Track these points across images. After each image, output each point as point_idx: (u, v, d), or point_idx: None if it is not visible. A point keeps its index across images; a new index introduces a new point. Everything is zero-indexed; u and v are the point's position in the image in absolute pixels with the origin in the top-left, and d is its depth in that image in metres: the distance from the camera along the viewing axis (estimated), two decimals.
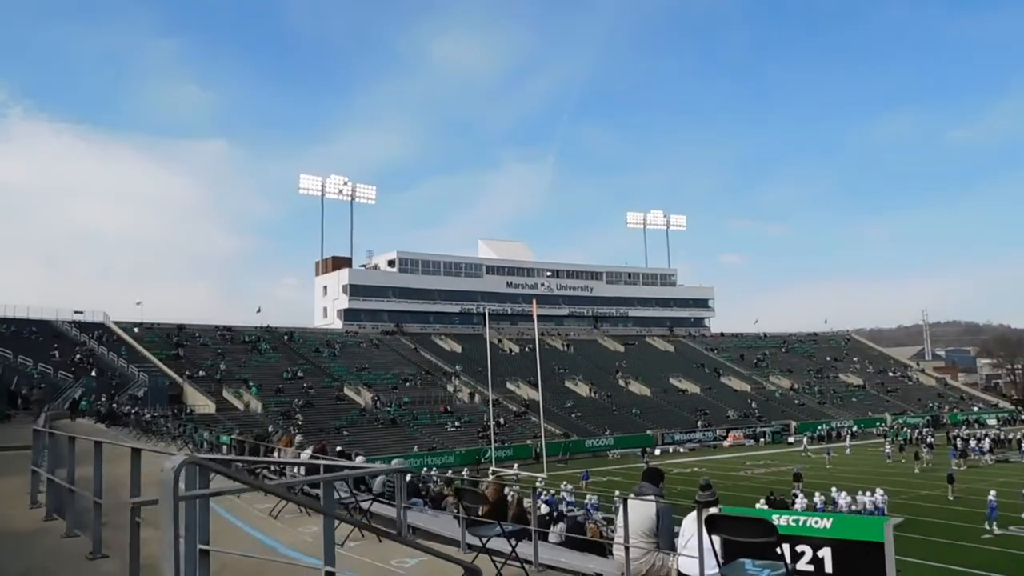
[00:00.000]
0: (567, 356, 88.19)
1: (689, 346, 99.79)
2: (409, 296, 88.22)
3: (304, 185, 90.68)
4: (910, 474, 45.94)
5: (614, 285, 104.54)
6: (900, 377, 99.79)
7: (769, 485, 38.08)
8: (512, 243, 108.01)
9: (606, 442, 65.12)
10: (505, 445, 59.94)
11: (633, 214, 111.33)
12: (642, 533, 6.68)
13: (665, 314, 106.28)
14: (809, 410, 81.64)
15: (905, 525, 29.97)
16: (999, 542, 27.36)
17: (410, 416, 64.75)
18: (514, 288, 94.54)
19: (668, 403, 78.31)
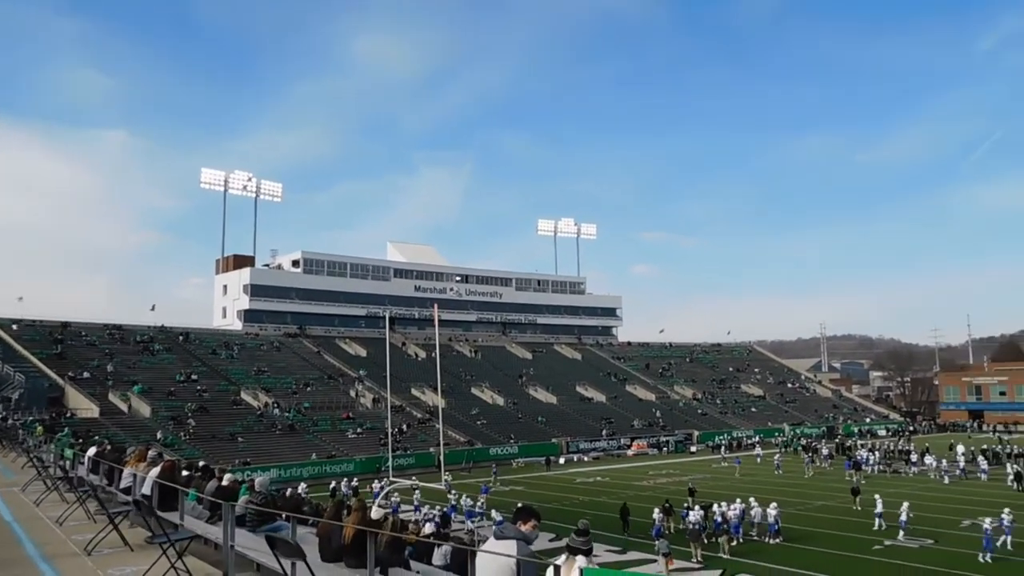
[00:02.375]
0: (474, 362, 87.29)
1: (596, 354, 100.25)
2: (313, 298, 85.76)
3: (206, 179, 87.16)
4: (806, 485, 46.66)
5: (523, 292, 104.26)
6: (798, 388, 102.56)
7: (669, 495, 37.93)
8: (421, 247, 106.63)
9: (511, 450, 64.47)
10: (407, 453, 58.61)
11: (544, 221, 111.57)
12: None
13: (573, 322, 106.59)
14: (711, 419, 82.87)
15: (802, 538, 30.16)
16: (887, 553, 27.67)
17: (310, 422, 62.68)
18: (422, 292, 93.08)
19: (574, 411, 78.24)
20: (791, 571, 25.09)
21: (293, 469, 52.16)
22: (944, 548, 28.12)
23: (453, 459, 56.89)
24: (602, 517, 35.15)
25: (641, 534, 30.08)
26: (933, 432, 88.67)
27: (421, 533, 21.30)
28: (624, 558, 27.31)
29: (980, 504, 36.85)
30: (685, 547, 27.77)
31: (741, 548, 28.97)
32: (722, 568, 25.55)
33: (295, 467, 52.73)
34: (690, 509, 30.04)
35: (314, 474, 51.55)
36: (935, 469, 48.85)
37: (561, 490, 46.18)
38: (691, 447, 71.60)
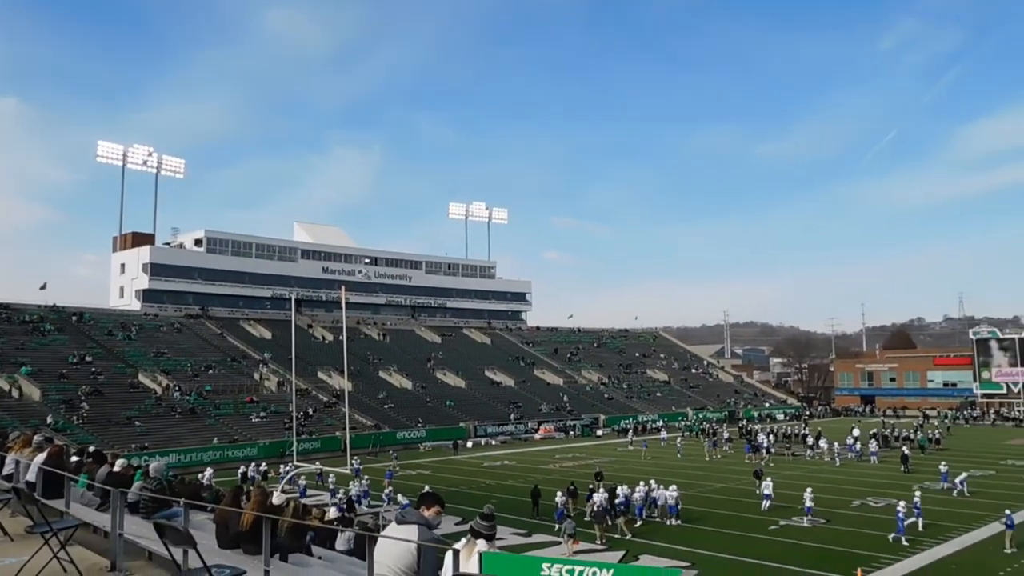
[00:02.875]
0: (383, 346, 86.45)
1: (505, 339, 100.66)
2: (217, 278, 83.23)
3: (103, 153, 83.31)
4: (707, 468, 47.96)
5: (434, 275, 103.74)
6: (702, 374, 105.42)
7: (575, 478, 38.38)
8: (330, 228, 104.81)
9: (418, 434, 64.15)
10: (313, 437, 57.61)
11: (456, 205, 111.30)
12: (399, 570, 5.59)
13: (483, 306, 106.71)
14: (618, 404, 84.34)
15: (701, 519, 30.96)
16: (783, 533, 28.67)
17: (211, 406, 60.88)
18: (330, 274, 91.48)
19: (482, 395, 78.41)
20: (690, 551, 25.71)
21: (193, 454, 50.64)
22: (836, 527, 29.31)
23: (359, 443, 56.22)
24: (509, 501, 35.32)
25: (547, 517, 30.33)
26: (828, 416, 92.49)
27: (325, 518, 20.93)
28: (529, 541, 27.50)
29: (870, 486, 38.65)
30: (590, 529, 28.16)
31: (642, 529, 29.54)
32: (625, 549, 25.98)
33: (196, 452, 51.18)
34: (594, 491, 30.44)
35: (216, 459, 50.15)
36: (828, 452, 50.93)
37: (468, 474, 46.21)
38: (597, 431, 72.71)
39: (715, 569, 23.64)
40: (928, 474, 40.24)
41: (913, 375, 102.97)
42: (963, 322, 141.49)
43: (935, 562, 24.54)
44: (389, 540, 5.82)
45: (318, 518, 18.69)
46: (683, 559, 24.59)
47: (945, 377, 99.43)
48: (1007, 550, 24.95)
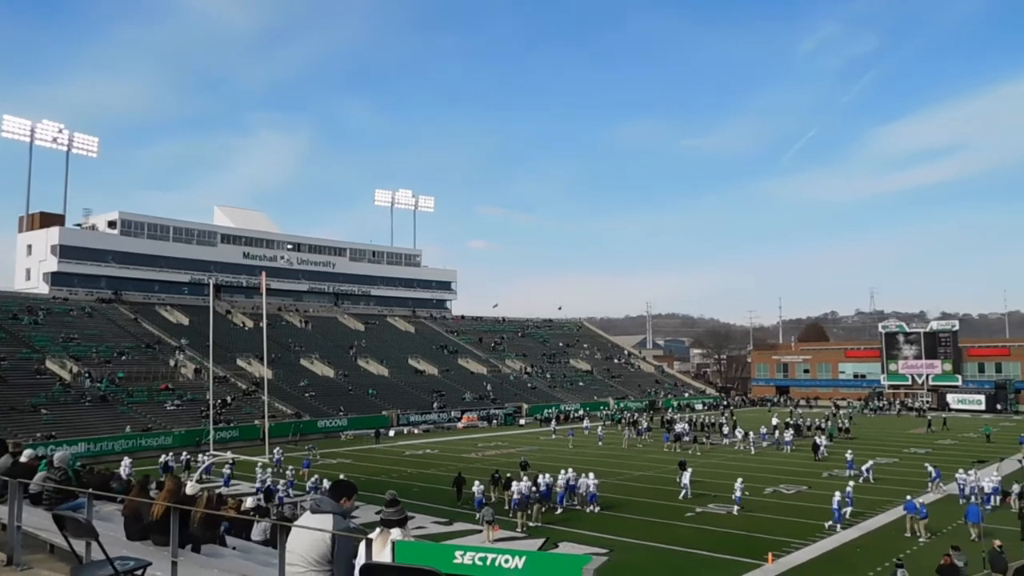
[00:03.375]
0: (304, 333, 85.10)
1: (430, 327, 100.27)
2: (131, 262, 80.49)
3: (8, 128, 79.45)
4: (627, 456, 48.71)
5: (358, 263, 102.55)
6: (624, 364, 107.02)
7: (497, 467, 38.51)
8: (251, 212, 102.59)
9: (340, 423, 63.39)
10: (231, 425, 56.37)
11: (382, 192, 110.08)
12: (313, 560, 5.47)
13: (408, 294, 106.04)
14: (541, 393, 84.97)
15: (620, 506, 31.43)
16: (699, 519, 29.35)
17: (124, 393, 58.91)
18: (251, 260, 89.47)
19: (406, 384, 77.95)
20: (609, 538, 26.09)
21: (104, 443, 48.96)
22: (750, 514, 30.12)
23: (279, 432, 55.29)
24: (431, 489, 35.31)
25: (469, 505, 30.34)
26: (745, 407, 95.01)
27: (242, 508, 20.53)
28: (450, 529, 27.50)
29: (783, 473, 39.86)
30: (512, 517, 28.33)
31: (562, 517, 29.86)
32: (545, 537, 26.19)
33: (106, 441, 49.49)
34: (514, 480, 30.59)
35: (128, 448, 48.57)
36: (743, 441, 52.33)
37: (390, 463, 45.92)
38: (520, 420, 73.13)
39: (633, 555, 24.05)
40: (838, 462, 41.70)
41: (825, 367, 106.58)
42: (873, 316, 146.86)
43: (841, 545, 25.50)
44: (303, 530, 5.69)
45: (234, 508, 18.32)
46: (602, 546, 24.94)
47: (855, 369, 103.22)
48: (920, 538, 26.03)
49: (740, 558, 23.38)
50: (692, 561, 23.39)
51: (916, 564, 21.04)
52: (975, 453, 47.31)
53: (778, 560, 23.18)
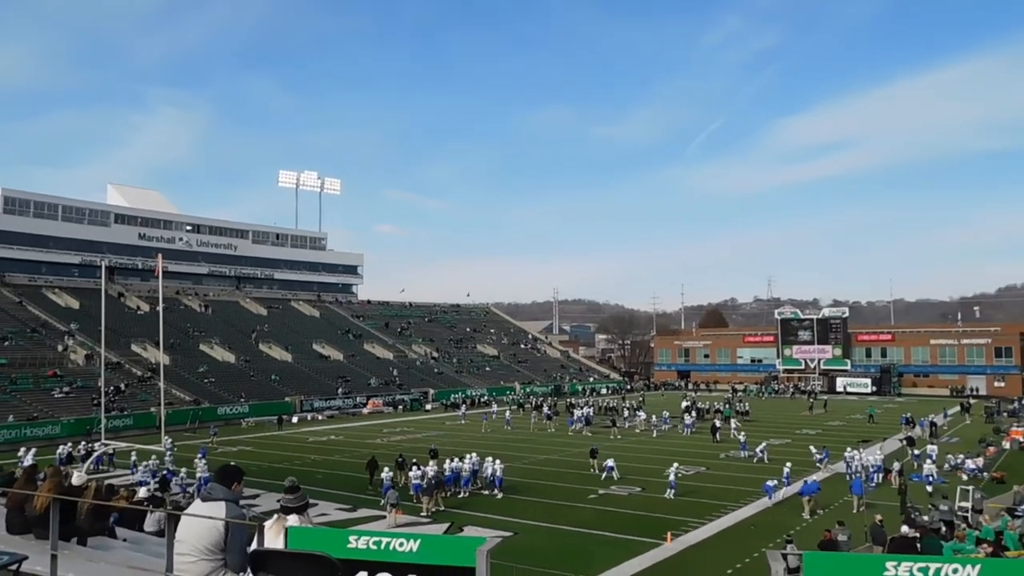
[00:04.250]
0: (204, 317, 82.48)
1: (335, 312, 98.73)
2: (15, 242, 76.20)
3: None
4: (532, 440, 49.13)
5: (261, 245, 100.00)
6: (531, 349, 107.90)
7: (402, 452, 38.30)
8: (148, 191, 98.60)
9: (241, 409, 61.80)
10: (124, 413, 54.25)
11: (286, 173, 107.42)
12: (205, 548, 5.27)
13: (313, 278, 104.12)
14: (447, 378, 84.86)
15: (525, 490, 31.69)
16: (601, 501, 29.88)
17: (7, 380, 55.88)
18: (147, 241, 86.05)
19: (310, 369, 76.59)
20: (513, 521, 26.30)
21: None
22: (650, 495, 30.91)
23: (177, 419, 53.58)
24: (335, 476, 34.88)
25: (379, 490, 30.00)
26: (648, 391, 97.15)
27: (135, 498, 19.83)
28: (354, 515, 27.20)
29: (682, 455, 40.84)
30: (417, 503, 28.25)
31: (467, 501, 29.95)
32: (450, 521, 26.20)
33: None
34: (419, 465, 30.46)
35: (11, 438, 46.15)
36: (645, 423, 53.54)
37: (293, 450, 45.08)
38: (427, 405, 72.90)
39: (536, 537, 24.29)
40: (735, 444, 43.12)
41: (725, 352, 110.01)
42: (770, 303, 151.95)
43: (737, 523, 26.40)
44: (194, 519, 5.48)
45: (125, 498, 17.64)
46: (506, 529, 25.13)
47: (753, 354, 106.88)
48: (804, 514, 27.20)
49: (640, 537, 23.92)
50: (593, 542, 23.79)
51: (805, 540, 21.93)
52: (860, 433, 49.64)
53: (677, 539, 23.81)
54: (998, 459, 39.62)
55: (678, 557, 22.23)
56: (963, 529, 19.78)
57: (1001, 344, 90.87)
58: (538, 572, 19.05)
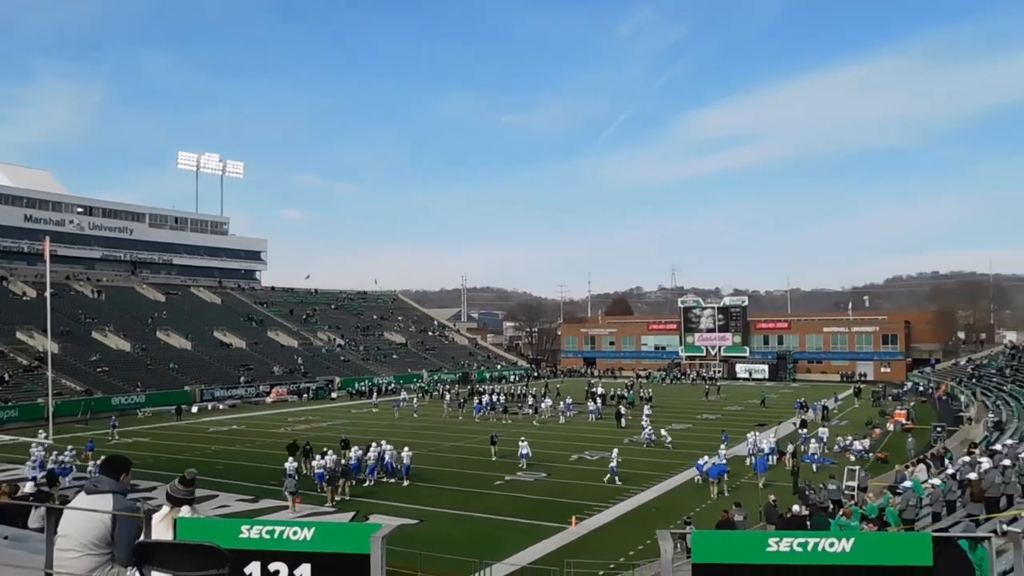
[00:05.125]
0: (97, 304, 79.02)
1: (237, 299, 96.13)
2: None
3: None
4: (440, 427, 49.02)
5: (159, 229, 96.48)
6: (438, 336, 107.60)
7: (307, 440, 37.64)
8: (36, 171, 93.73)
9: (137, 399, 59.59)
10: (9, 405, 51.58)
11: (186, 155, 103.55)
12: (90, 543, 5.01)
13: (214, 264, 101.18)
14: (354, 366, 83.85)
15: (433, 477, 31.61)
16: (508, 487, 30.08)
17: None
18: (34, 223, 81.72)
19: (210, 357, 74.39)
20: (420, 508, 26.21)
21: None
22: (556, 480, 31.31)
23: (67, 410, 51.30)
24: (236, 466, 34.05)
25: (275, 481, 29.35)
26: (555, 378, 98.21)
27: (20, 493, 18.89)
28: (256, 506, 26.60)
29: (587, 440, 41.55)
30: (321, 492, 27.85)
31: (373, 489, 29.70)
32: (355, 510, 25.91)
33: None
34: (324, 454, 29.99)
35: None
36: (551, 410, 54.15)
37: (193, 440, 43.75)
38: (332, 394, 71.89)
39: (443, 524, 24.27)
40: (639, 429, 44.04)
41: (630, 339, 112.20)
42: (674, 292, 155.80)
43: (639, 506, 27.01)
44: (77, 512, 5.21)
45: (7, 494, 16.76)
46: (412, 516, 25.03)
47: (657, 341, 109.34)
48: (712, 496, 28.04)
49: (546, 522, 24.18)
50: (500, 527, 23.93)
51: (705, 520, 22.59)
52: (757, 417, 51.45)
53: (581, 523, 24.20)
54: (883, 440, 41.77)
55: (582, 540, 22.57)
56: (850, 507, 20.72)
57: (888, 332, 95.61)
58: (444, 559, 19.00)
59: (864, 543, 3.61)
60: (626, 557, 19.92)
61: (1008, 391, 50.47)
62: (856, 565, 3.56)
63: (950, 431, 43.12)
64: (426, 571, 16.90)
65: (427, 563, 17.46)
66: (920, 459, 29.57)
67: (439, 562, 18.63)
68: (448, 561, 18.86)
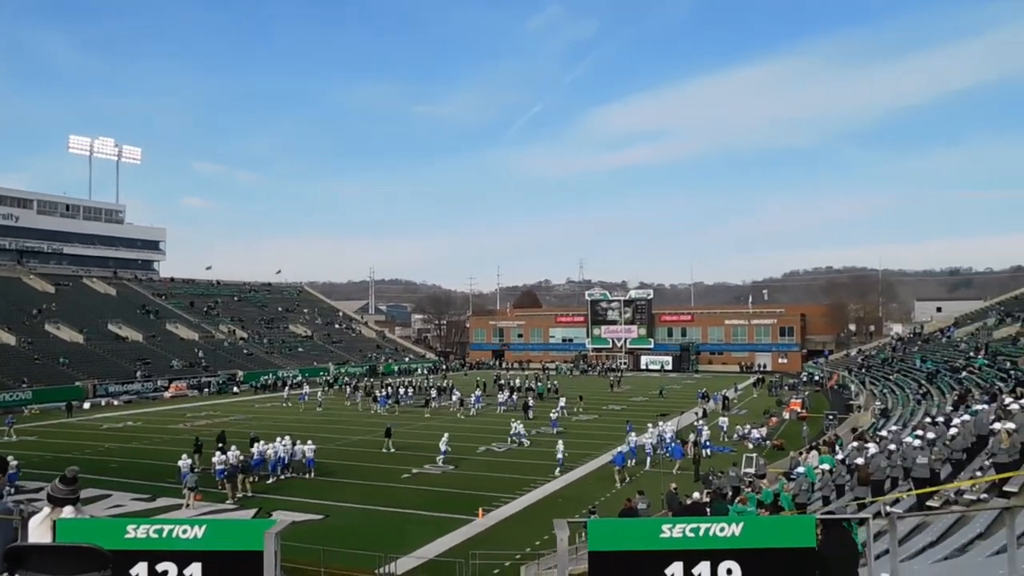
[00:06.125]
0: None
1: (134, 290, 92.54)
2: None
3: None
4: (346, 421, 48.41)
5: (48, 216, 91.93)
6: (345, 329, 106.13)
7: (210, 437, 36.61)
8: None
9: (23, 396, 56.70)
10: None
11: (78, 139, 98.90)
12: None
13: (109, 254, 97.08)
14: (258, 359, 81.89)
15: (338, 472, 31.18)
16: (415, 480, 29.94)
17: None
18: None
19: (105, 351, 71.41)
20: (325, 503, 25.85)
21: None
22: (463, 472, 31.34)
23: None
24: (132, 464, 32.85)
25: (172, 479, 28.41)
26: (463, 370, 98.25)
27: None
28: (153, 505, 25.73)
29: (495, 432, 41.68)
30: (222, 489, 27.14)
31: (277, 485, 29.14)
32: (258, 507, 25.34)
33: None
34: (225, 451, 29.21)
35: None
36: (460, 402, 54.14)
37: (84, 438, 41.91)
38: (235, 388, 70.07)
39: (349, 518, 24.02)
40: (546, 420, 44.50)
41: (538, 331, 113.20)
42: (582, 285, 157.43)
43: (545, 497, 27.31)
44: None
45: None
46: (317, 512, 24.66)
47: (564, 333, 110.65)
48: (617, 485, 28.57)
49: (453, 515, 24.20)
50: (406, 521, 23.78)
51: (609, 509, 23.00)
52: (661, 408, 52.65)
53: (488, 514, 24.30)
54: (779, 429, 43.39)
55: (489, 532, 22.67)
56: (747, 493, 21.42)
57: (785, 324, 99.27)
58: (348, 554, 18.83)
59: (752, 527, 3.72)
60: (532, 547, 20.08)
61: (894, 380, 53.05)
62: (746, 548, 3.67)
63: (841, 419, 45.09)
64: (330, 567, 16.70)
65: (330, 559, 17.25)
66: (813, 446, 30.85)
67: (343, 557, 18.44)
68: (352, 556, 18.69)
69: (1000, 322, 60.10)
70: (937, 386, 41.81)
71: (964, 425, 19.11)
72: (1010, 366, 37.18)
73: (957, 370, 43.56)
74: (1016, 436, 15.98)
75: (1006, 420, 17.18)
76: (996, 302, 73.98)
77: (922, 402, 38.58)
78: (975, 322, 67.04)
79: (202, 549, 3.71)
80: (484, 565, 17.90)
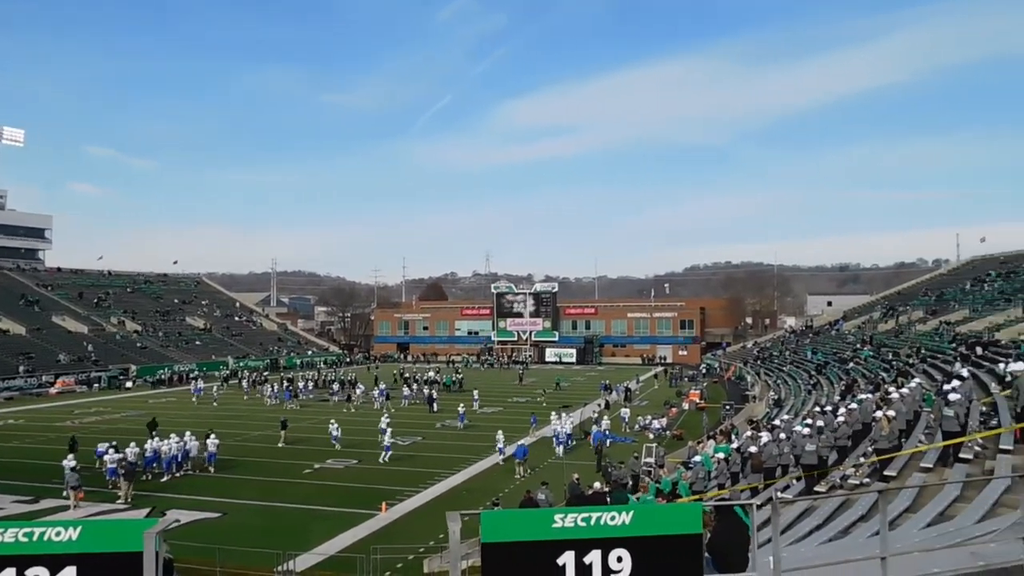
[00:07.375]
0: None
1: (16, 280, 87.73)
2: None
3: None
4: (246, 416, 47.20)
5: None
6: (246, 322, 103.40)
7: (100, 435, 35.13)
8: None
9: None
10: None
11: None
12: None
13: None
14: (152, 353, 78.95)
15: (239, 467, 30.39)
16: (317, 475, 29.45)
17: None
18: None
19: None
20: (223, 501, 25.15)
21: None
22: (366, 466, 31.02)
23: None
24: (13, 464, 31.23)
25: (57, 479, 27.09)
26: (367, 364, 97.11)
27: None
28: (36, 508, 24.49)
29: (399, 426, 41.31)
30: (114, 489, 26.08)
31: (173, 483, 28.20)
32: (152, 506, 24.45)
33: None
34: (115, 448, 28.07)
35: None
36: (363, 396, 53.55)
37: None
38: (127, 383, 67.36)
39: (249, 516, 23.47)
40: (450, 413, 44.45)
41: (443, 324, 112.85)
42: (488, 278, 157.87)
43: (450, 489, 27.29)
44: None
45: None
46: (215, 509, 23.98)
47: (470, 326, 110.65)
48: (518, 476, 28.79)
49: (356, 510, 23.90)
50: (308, 517, 23.36)
51: (512, 500, 23.14)
52: (564, 400, 53.27)
53: (391, 508, 24.12)
54: (679, 419, 44.53)
55: (392, 526, 22.51)
56: (647, 482, 21.92)
57: (685, 317, 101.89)
58: (246, 552, 18.36)
59: (642, 515, 3.79)
60: (436, 540, 20.00)
61: (787, 371, 55.23)
62: (636, 536, 3.73)
63: (737, 408, 46.67)
64: (226, 566, 16.23)
65: (227, 557, 16.78)
66: (710, 435, 31.80)
67: (241, 555, 17.97)
68: (250, 554, 18.23)
69: (885, 316, 63.29)
70: (827, 376, 43.74)
71: (850, 413, 20.03)
72: (892, 357, 39.21)
73: (845, 361, 45.68)
74: (895, 423, 16.85)
75: (887, 408, 18.09)
76: (881, 296, 77.87)
77: (812, 392, 40.30)
78: (862, 316, 70.41)
79: (77, 552, 3.53)
80: (387, 560, 17.74)
